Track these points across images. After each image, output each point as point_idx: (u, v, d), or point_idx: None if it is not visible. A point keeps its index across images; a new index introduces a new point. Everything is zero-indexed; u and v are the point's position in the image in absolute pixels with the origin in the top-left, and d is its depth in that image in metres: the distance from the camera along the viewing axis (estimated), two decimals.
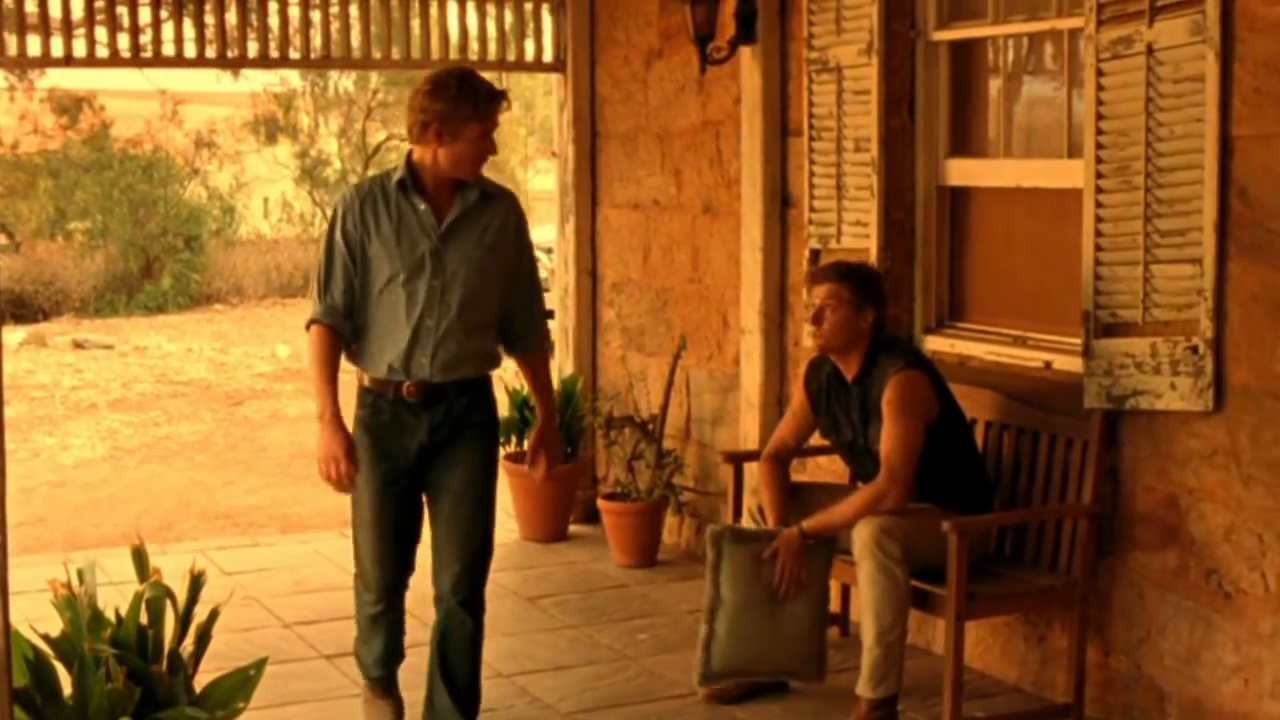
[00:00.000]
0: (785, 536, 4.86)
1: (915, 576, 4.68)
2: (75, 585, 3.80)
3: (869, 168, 5.61)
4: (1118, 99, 4.59)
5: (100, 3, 6.63)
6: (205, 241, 22.32)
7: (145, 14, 6.76)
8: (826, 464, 5.75)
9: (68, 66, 6.77)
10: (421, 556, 4.54)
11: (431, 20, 7.38)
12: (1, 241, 22.10)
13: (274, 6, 6.98)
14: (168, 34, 6.82)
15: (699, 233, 6.78)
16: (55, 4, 6.61)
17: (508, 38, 7.43)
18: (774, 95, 6.12)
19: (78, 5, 6.64)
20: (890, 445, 4.73)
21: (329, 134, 25.21)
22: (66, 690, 3.67)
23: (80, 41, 6.67)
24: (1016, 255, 5.45)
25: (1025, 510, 5.00)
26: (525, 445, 7.13)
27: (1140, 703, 4.72)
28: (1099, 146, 4.65)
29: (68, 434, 12.10)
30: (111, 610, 3.83)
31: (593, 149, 7.55)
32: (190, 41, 6.89)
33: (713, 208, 6.66)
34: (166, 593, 3.85)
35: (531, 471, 4.63)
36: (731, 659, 4.93)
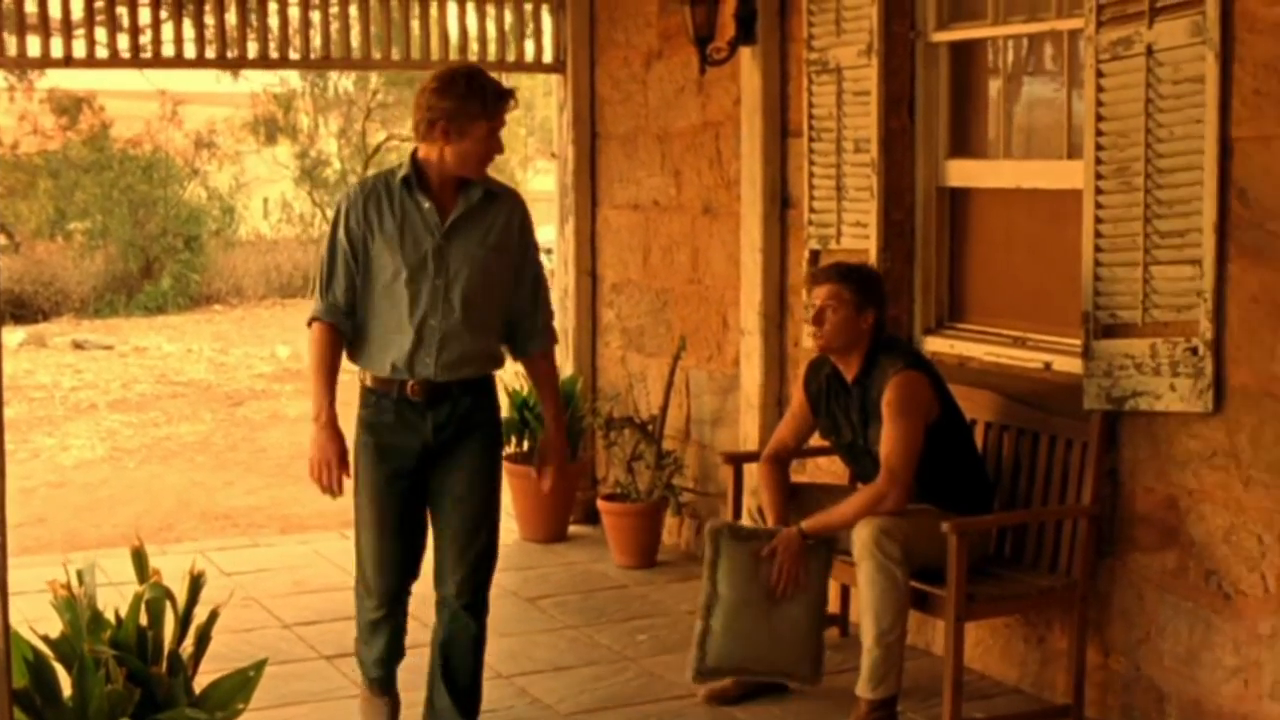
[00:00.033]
0: (784, 536, 4.86)
1: (915, 577, 4.67)
2: (75, 586, 3.80)
3: (869, 168, 5.61)
4: (1117, 100, 4.59)
5: (100, 3, 6.63)
6: (205, 242, 22.28)
7: (145, 14, 6.76)
8: (826, 465, 5.75)
9: (67, 67, 6.76)
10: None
11: (431, 21, 7.38)
12: (1, 242, 22.08)
13: (274, 7, 6.98)
14: (167, 34, 6.83)
15: (699, 233, 6.77)
16: (55, 4, 6.61)
17: (507, 38, 7.43)
18: (774, 96, 6.12)
19: (77, 6, 6.64)
20: (890, 446, 4.73)
21: (329, 134, 25.19)
22: (66, 691, 3.66)
23: (80, 42, 6.68)
24: (1016, 256, 5.45)
25: (1025, 511, 5.00)
26: (525, 447, 7.20)
27: (1140, 704, 4.72)
28: (1099, 148, 4.65)
29: (67, 434, 12.09)
30: (111, 611, 3.83)
31: (592, 150, 7.55)
32: (190, 42, 6.89)
33: (712, 208, 6.66)
34: (166, 594, 3.85)
35: (540, 481, 4.55)
36: (726, 656, 4.92)
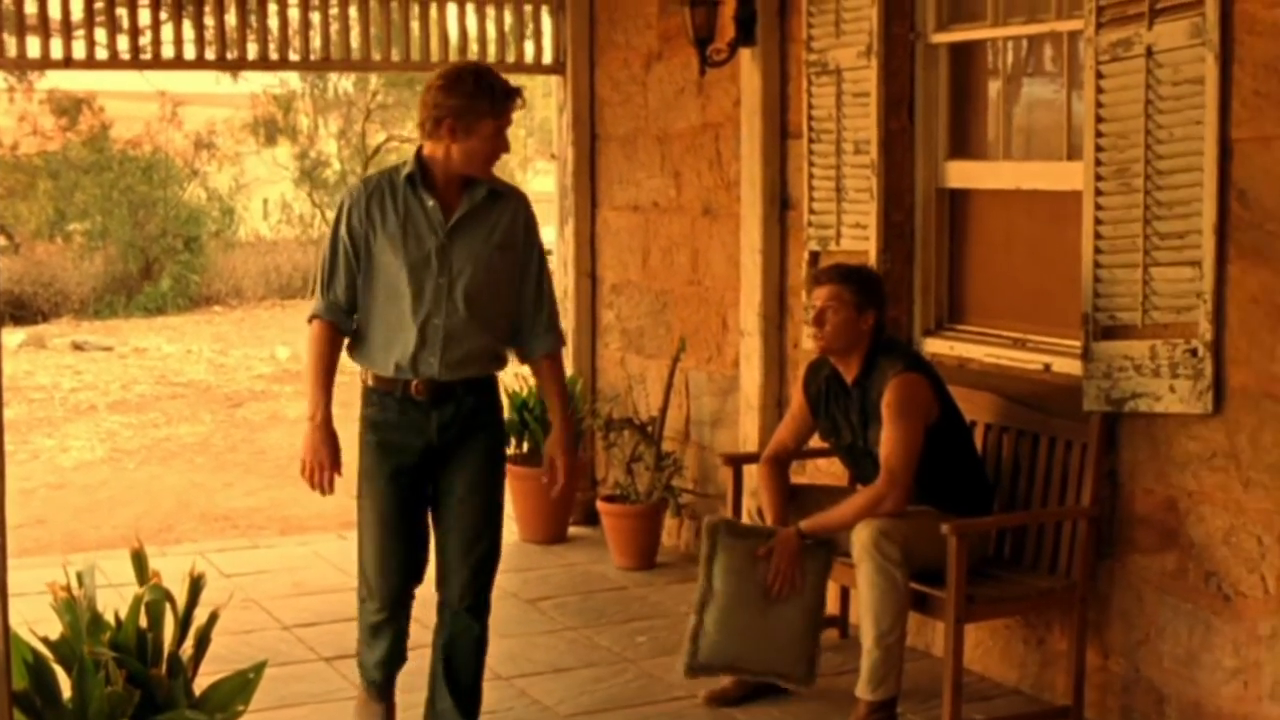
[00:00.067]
0: (782, 536, 4.85)
1: (915, 579, 4.67)
2: (74, 588, 3.80)
3: (868, 170, 5.61)
4: (1117, 101, 4.59)
5: (100, 4, 6.63)
6: (205, 243, 22.25)
7: (145, 15, 6.76)
8: (826, 466, 5.75)
9: (67, 68, 6.76)
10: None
11: (431, 22, 7.38)
12: (1, 243, 22.08)
13: (273, 8, 6.98)
14: (167, 36, 6.83)
15: (698, 235, 6.77)
16: (55, 5, 6.62)
17: (507, 39, 7.44)
18: (773, 97, 6.12)
19: (77, 7, 6.65)
20: (890, 448, 4.73)
21: (328, 135, 25.17)
22: (66, 693, 3.66)
23: (80, 43, 6.68)
24: (1016, 258, 5.45)
25: (1024, 513, 5.00)
26: (524, 449, 7.20)
27: (1139, 705, 4.72)
28: (1098, 149, 4.65)
29: (67, 436, 12.08)
30: (111, 613, 3.83)
31: (592, 151, 7.55)
32: (190, 43, 6.90)
33: (712, 210, 6.65)
34: (166, 595, 3.85)
35: (549, 488, 4.51)
36: (719, 653, 4.91)
